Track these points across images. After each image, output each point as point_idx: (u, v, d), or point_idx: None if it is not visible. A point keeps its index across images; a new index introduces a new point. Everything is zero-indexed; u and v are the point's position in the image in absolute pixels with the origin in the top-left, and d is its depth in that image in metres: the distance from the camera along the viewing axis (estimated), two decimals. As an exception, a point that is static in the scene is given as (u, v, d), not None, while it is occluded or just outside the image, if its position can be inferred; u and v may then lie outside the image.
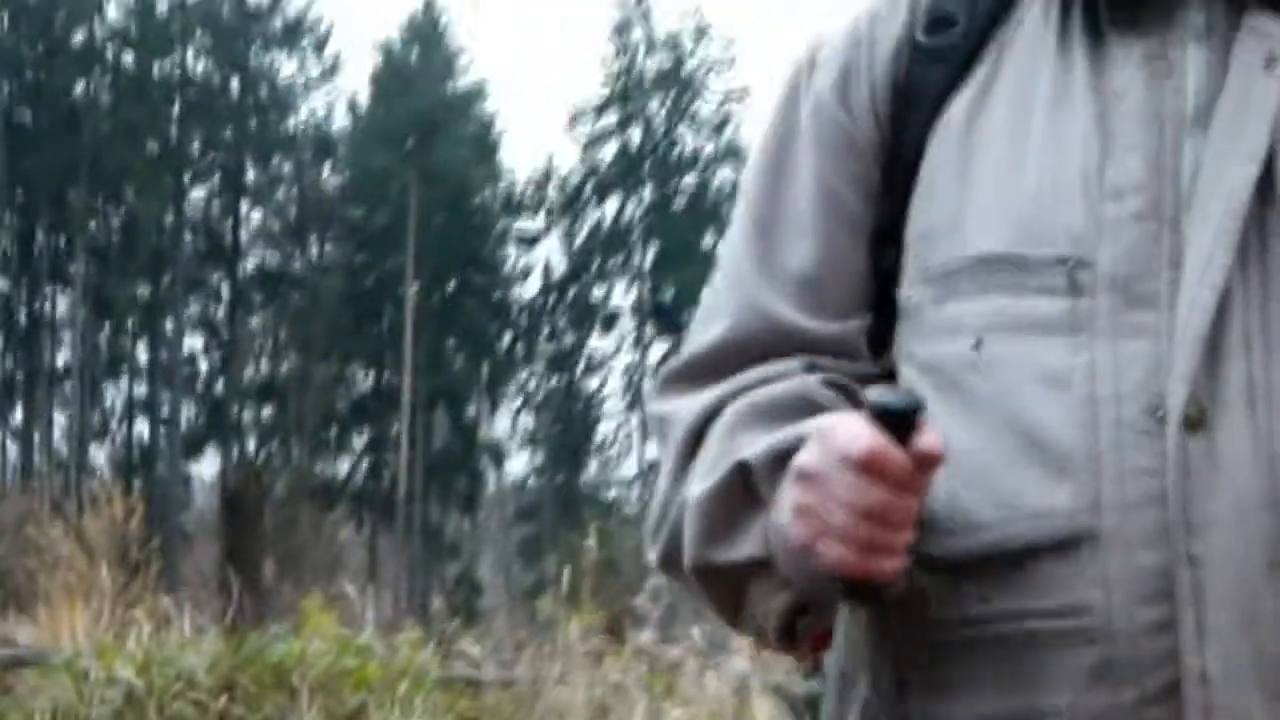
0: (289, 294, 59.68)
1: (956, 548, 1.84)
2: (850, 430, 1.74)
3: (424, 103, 58.63)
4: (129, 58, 59.20)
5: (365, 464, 58.96)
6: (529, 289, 61.39)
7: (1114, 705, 1.78)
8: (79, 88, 58.08)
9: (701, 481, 1.93)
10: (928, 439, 1.73)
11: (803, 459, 1.78)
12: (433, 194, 57.47)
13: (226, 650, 10.92)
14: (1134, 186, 1.85)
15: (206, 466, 57.11)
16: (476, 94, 61.35)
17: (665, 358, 58.41)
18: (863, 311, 1.99)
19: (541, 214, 61.67)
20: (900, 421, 1.74)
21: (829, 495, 1.74)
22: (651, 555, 2.09)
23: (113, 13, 59.55)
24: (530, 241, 61.70)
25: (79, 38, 58.64)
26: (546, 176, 61.35)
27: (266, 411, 59.56)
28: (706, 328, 2.05)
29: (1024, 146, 1.92)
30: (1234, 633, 1.75)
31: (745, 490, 1.89)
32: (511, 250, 61.80)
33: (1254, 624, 1.75)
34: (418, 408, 55.85)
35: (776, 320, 1.99)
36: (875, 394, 1.78)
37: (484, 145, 61.18)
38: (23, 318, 59.06)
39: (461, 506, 58.87)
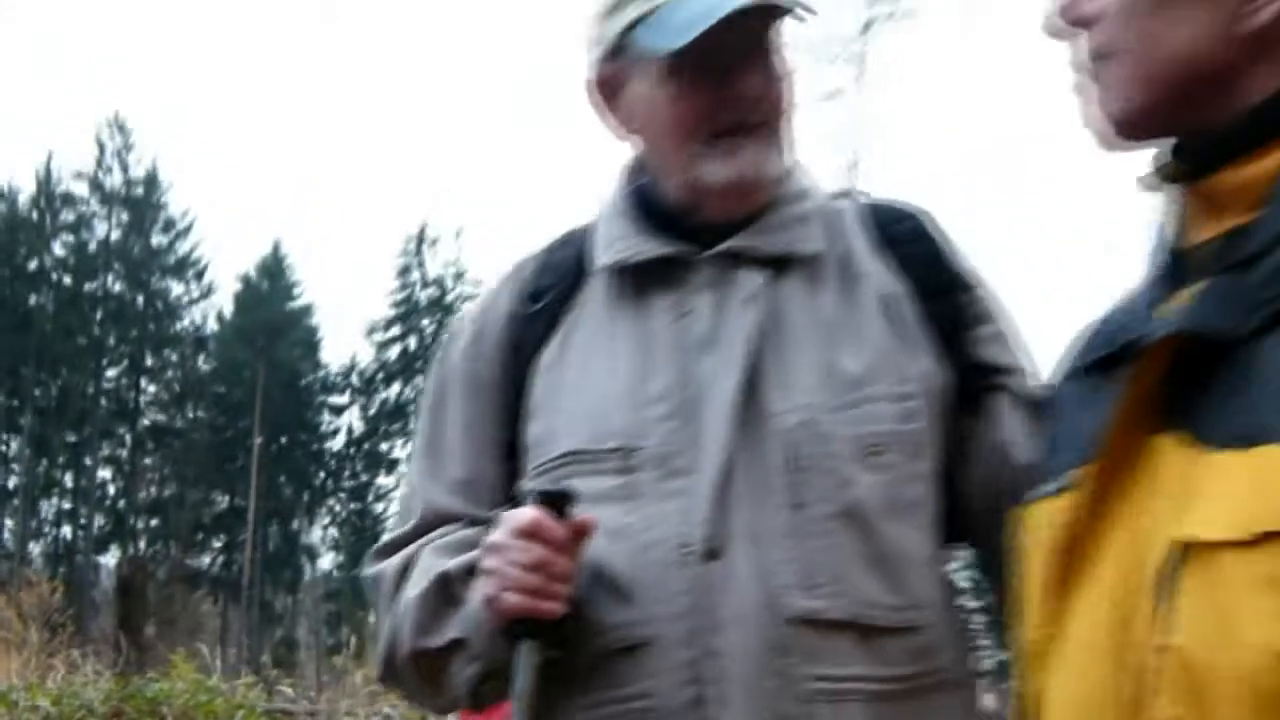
0: (173, 443, 58.26)
1: (573, 654, 1.82)
2: (521, 511, 1.75)
3: (270, 315, 57.94)
4: (68, 279, 57.78)
5: (221, 559, 57.50)
6: (338, 443, 60.56)
7: None
8: (32, 299, 56.51)
9: (413, 589, 1.90)
10: (578, 515, 1.75)
11: (490, 538, 1.77)
12: (273, 378, 56.65)
13: (117, 688, 10.62)
14: (664, 395, 1.84)
15: (110, 559, 55.24)
16: (305, 311, 60.53)
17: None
18: (505, 499, 1.92)
19: (347, 393, 60.96)
20: (556, 503, 1.74)
21: (506, 557, 1.74)
22: (375, 671, 2.02)
23: (57, 249, 58.05)
24: (339, 411, 60.97)
25: (33, 264, 57.14)
26: (351, 368, 60.70)
27: (154, 522, 57.91)
28: (403, 522, 2.02)
29: (591, 377, 1.90)
30: (747, 702, 1.74)
31: (446, 592, 1.87)
32: (326, 416, 60.97)
33: (761, 695, 1.74)
34: (258, 522, 54.64)
35: (449, 511, 1.97)
36: (538, 485, 1.80)
37: (310, 346, 60.38)
38: (-17, 455, 57.04)
39: (287, 590, 57.60)
